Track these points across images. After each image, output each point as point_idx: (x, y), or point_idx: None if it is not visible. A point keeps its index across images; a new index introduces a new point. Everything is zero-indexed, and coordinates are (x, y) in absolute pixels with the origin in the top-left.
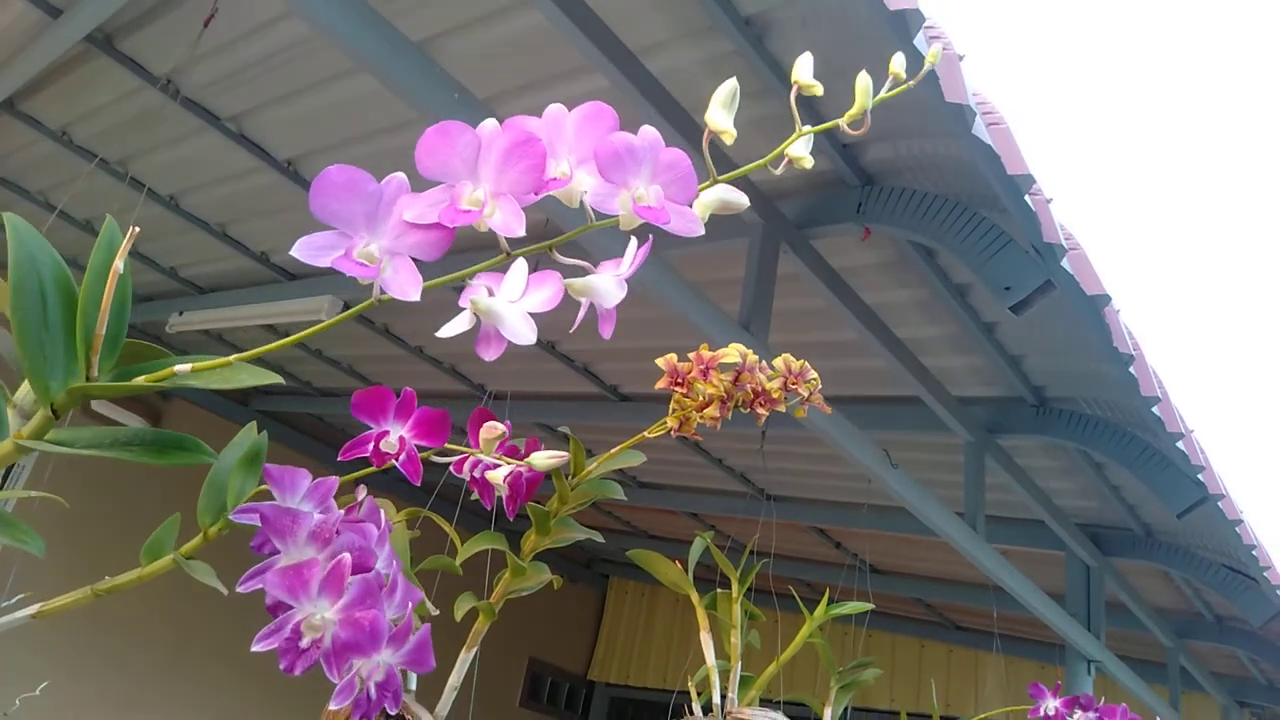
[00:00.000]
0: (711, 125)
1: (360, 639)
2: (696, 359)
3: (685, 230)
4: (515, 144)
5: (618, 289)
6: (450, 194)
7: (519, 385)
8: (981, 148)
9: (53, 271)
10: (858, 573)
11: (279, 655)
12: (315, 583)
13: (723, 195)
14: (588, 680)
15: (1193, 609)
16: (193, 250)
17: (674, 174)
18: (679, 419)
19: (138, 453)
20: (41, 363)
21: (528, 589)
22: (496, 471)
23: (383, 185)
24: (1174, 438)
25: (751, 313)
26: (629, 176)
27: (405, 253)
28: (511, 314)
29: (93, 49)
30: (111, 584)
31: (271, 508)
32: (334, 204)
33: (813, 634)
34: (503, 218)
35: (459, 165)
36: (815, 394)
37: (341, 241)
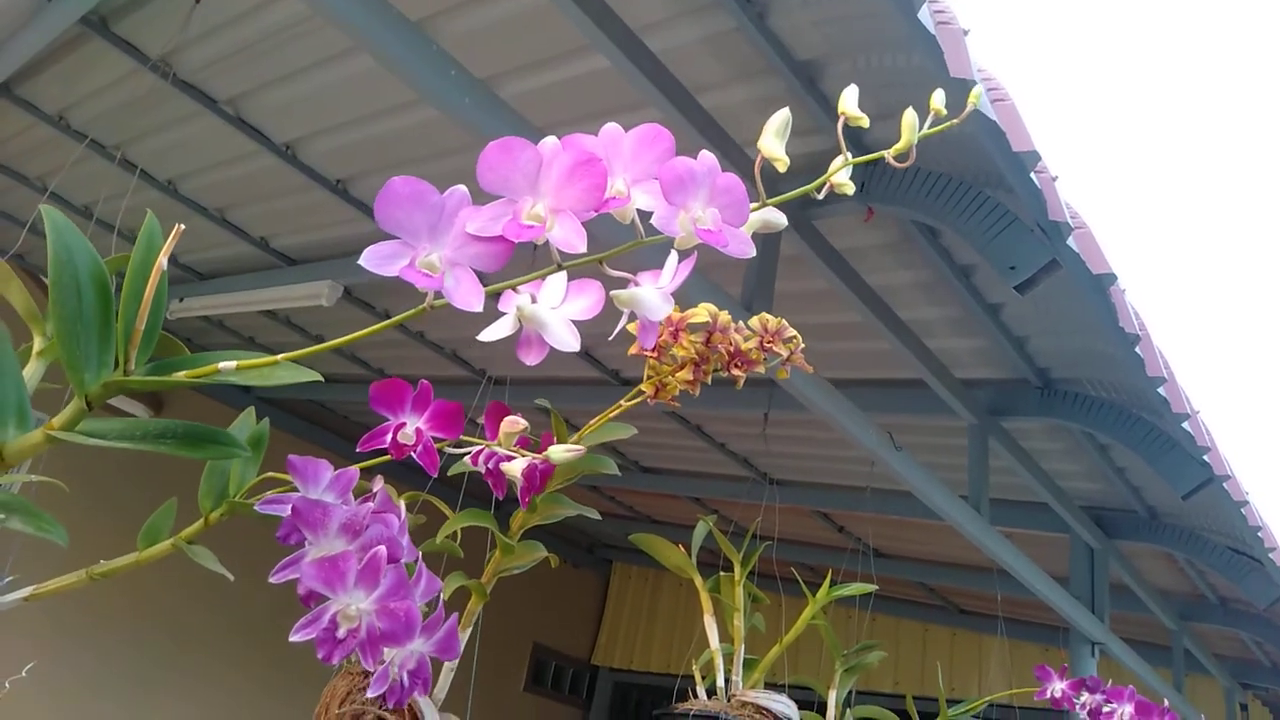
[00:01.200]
0: (765, 153)
1: (397, 629)
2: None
3: (739, 252)
4: (578, 164)
5: (664, 303)
6: (512, 208)
7: (519, 370)
8: (986, 124)
9: (89, 266)
10: (861, 556)
11: (316, 645)
12: (352, 574)
13: (766, 217)
14: (591, 665)
15: (1197, 591)
16: (192, 236)
17: (730, 198)
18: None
19: (172, 445)
20: (77, 355)
21: (520, 567)
22: (514, 464)
23: (445, 197)
24: (1180, 418)
25: (754, 295)
26: (689, 199)
27: (466, 264)
28: (555, 320)
29: (88, 31)
30: (107, 567)
31: (303, 500)
32: (399, 214)
33: (816, 616)
34: (563, 233)
35: (520, 180)
36: (796, 354)
37: (406, 251)
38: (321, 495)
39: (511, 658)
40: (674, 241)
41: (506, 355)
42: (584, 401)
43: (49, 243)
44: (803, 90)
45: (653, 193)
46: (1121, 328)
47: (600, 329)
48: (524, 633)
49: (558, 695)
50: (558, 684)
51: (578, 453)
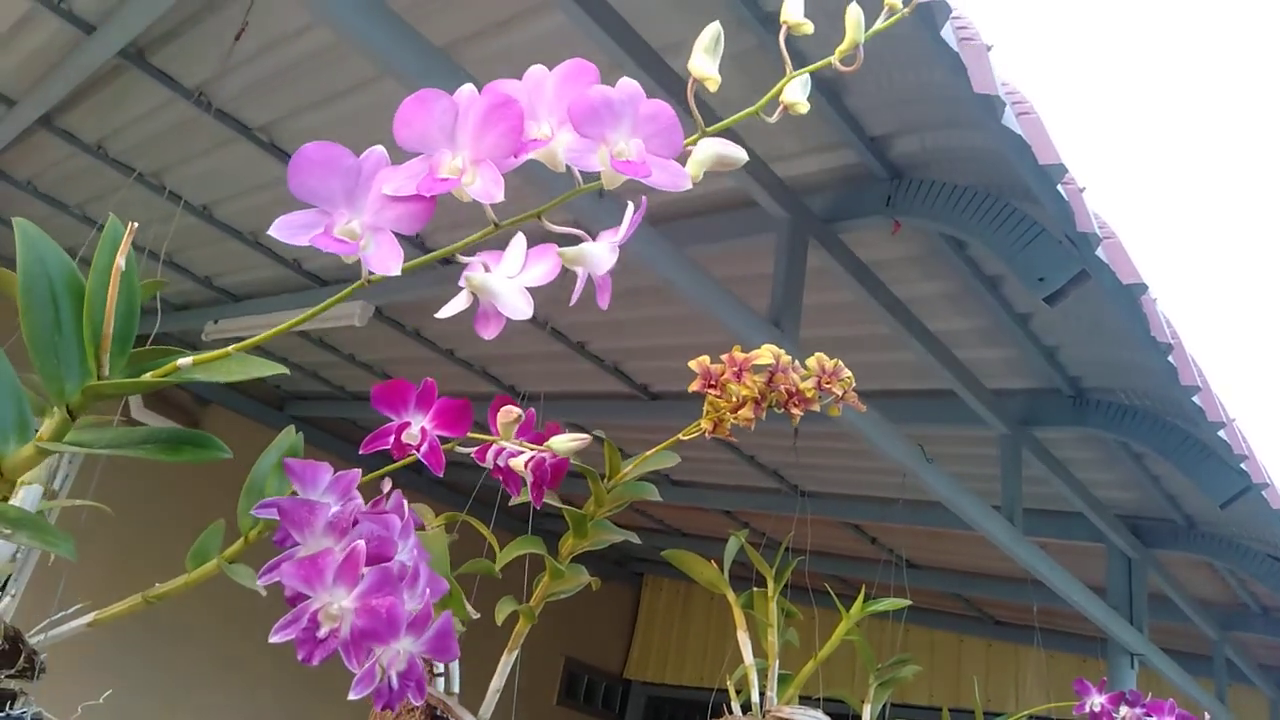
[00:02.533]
0: (695, 72)
1: (378, 626)
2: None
3: (670, 184)
4: (492, 107)
5: (609, 254)
6: (429, 164)
7: (550, 385)
8: (1011, 138)
9: (63, 274)
10: (894, 568)
11: (296, 646)
12: (331, 571)
13: (718, 150)
14: (624, 679)
15: (1238, 600)
16: (226, 259)
17: (656, 126)
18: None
19: (152, 450)
20: (55, 365)
21: (567, 591)
22: (518, 459)
23: (361, 160)
24: (1215, 427)
25: (781, 309)
26: (607, 131)
27: (387, 227)
28: (506, 289)
29: (126, 63)
30: (162, 590)
31: (289, 500)
32: (312, 181)
33: (850, 631)
34: (482, 184)
35: (436, 133)
36: (849, 392)
37: (320, 219)
38: (321, 497)
39: (544, 672)
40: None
41: (537, 372)
42: (615, 416)
43: (20, 255)
44: (827, 106)
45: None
46: (1154, 337)
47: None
48: (556, 647)
49: (591, 709)
50: (590, 698)
51: (583, 442)
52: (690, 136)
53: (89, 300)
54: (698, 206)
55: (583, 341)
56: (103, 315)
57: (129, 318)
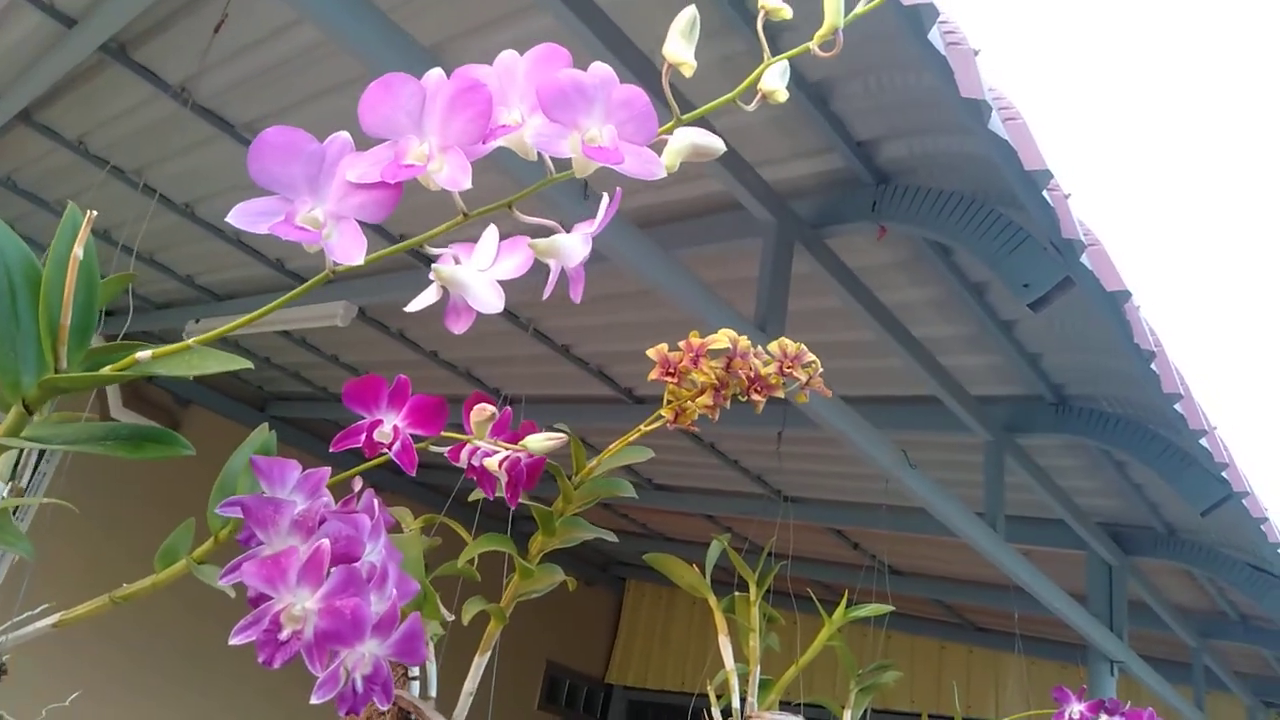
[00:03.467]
0: (670, 57)
1: (341, 628)
2: (686, 347)
3: (643, 172)
4: (459, 91)
5: (582, 245)
6: (394, 150)
7: (534, 389)
8: (998, 143)
9: (20, 263)
10: (876, 574)
11: (257, 648)
12: (294, 571)
13: (694, 140)
14: (605, 683)
15: (1217, 608)
16: (209, 258)
17: (629, 112)
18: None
19: (112, 446)
20: (11, 358)
21: (538, 591)
22: (492, 458)
23: (325, 145)
24: (1197, 435)
25: (767, 313)
26: (578, 116)
27: (350, 215)
28: (477, 282)
29: (107, 58)
30: (128, 591)
31: (253, 498)
32: (274, 167)
33: (832, 636)
34: (449, 171)
35: (403, 119)
36: (815, 378)
37: (281, 207)
38: (288, 496)
39: (525, 676)
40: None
41: (521, 375)
42: (599, 420)
43: None
44: (814, 110)
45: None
46: (1137, 344)
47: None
48: (538, 651)
49: (572, 714)
50: (572, 702)
51: (558, 442)
52: (665, 125)
53: (45, 291)
54: (684, 210)
55: (567, 345)
56: (59, 306)
57: (88, 310)
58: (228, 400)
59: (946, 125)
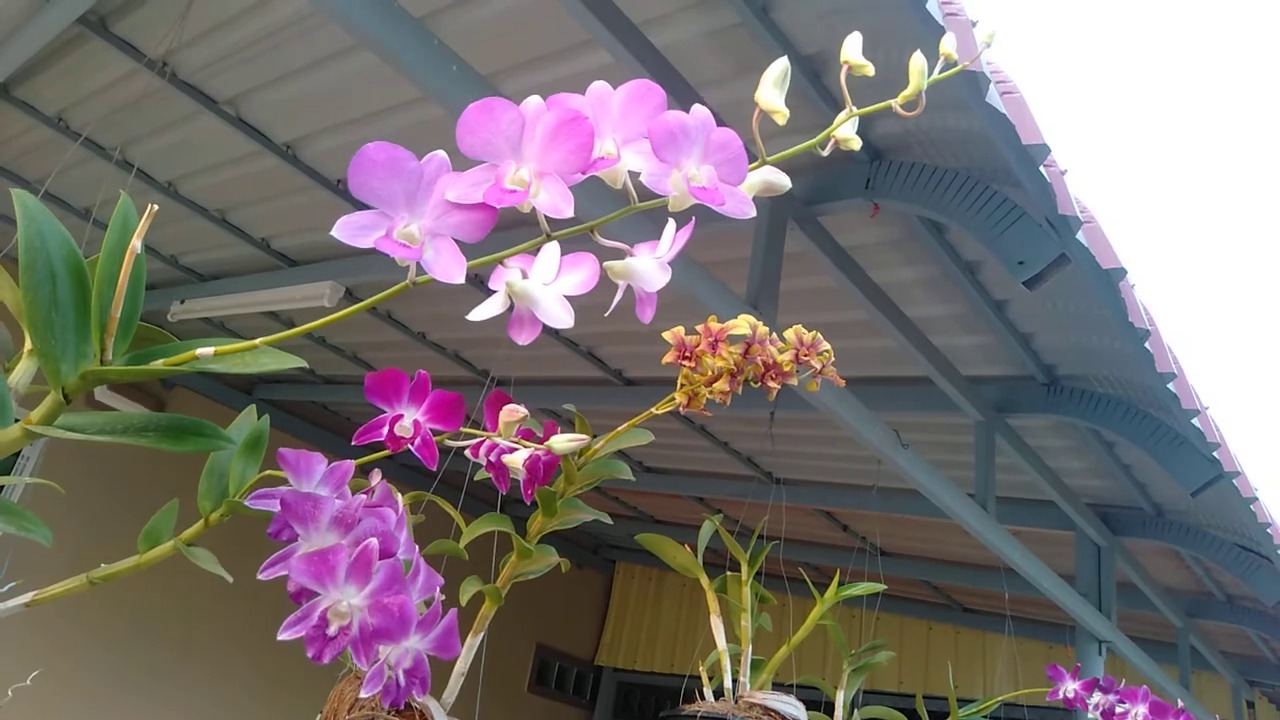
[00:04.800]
0: (763, 104)
1: (390, 625)
2: (705, 331)
3: (738, 212)
4: (563, 123)
5: (661, 272)
6: (494, 173)
7: (523, 371)
8: (995, 117)
9: (63, 251)
10: (866, 556)
11: (306, 644)
12: (342, 569)
13: (766, 177)
14: (595, 665)
15: (1203, 588)
16: (193, 238)
17: (726, 154)
18: (687, 394)
19: (153, 439)
20: (52, 345)
21: (535, 572)
22: (515, 456)
23: (424, 163)
24: (1189, 415)
25: (759, 292)
26: (682, 156)
27: (447, 234)
28: (547, 296)
29: (86, 31)
30: (108, 571)
31: (292, 493)
32: (374, 183)
33: (824, 616)
34: (549, 198)
35: (502, 144)
36: (828, 366)
37: (382, 222)
38: (315, 489)
39: (515, 659)
40: (668, 204)
41: (510, 356)
42: (588, 402)
43: (20, 229)
44: (808, 85)
45: (644, 153)
46: (1131, 323)
47: (602, 328)
48: (528, 633)
49: (562, 696)
50: (562, 684)
51: (580, 442)
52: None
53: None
54: None
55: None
56: (111, 298)
57: (134, 302)
58: (213, 383)
59: (942, 99)
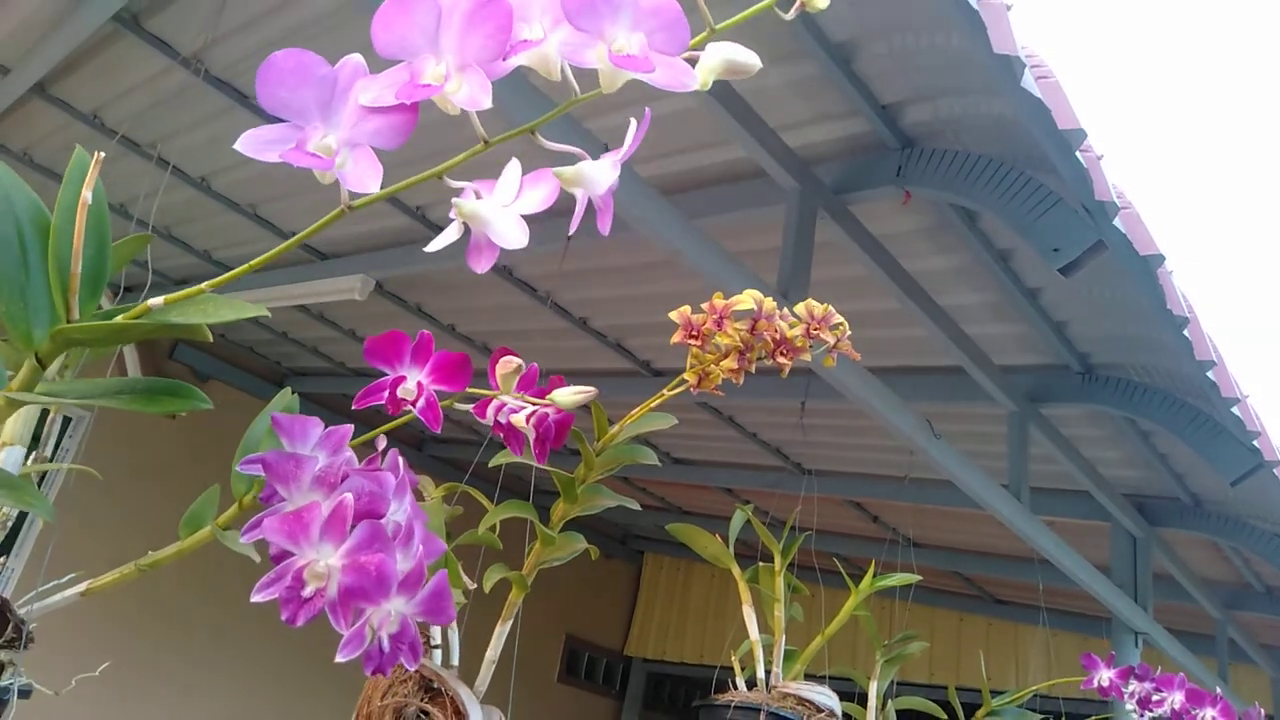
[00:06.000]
0: None
1: (366, 584)
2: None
3: (674, 83)
4: (477, 5)
5: (609, 171)
6: (409, 70)
7: (551, 362)
8: (1030, 101)
9: (29, 211)
10: (898, 547)
11: (280, 605)
12: (316, 526)
13: (728, 55)
14: (624, 655)
15: (1242, 580)
16: (225, 232)
17: (659, 20)
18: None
19: (128, 400)
20: (22, 309)
21: (560, 559)
22: (519, 414)
23: (337, 69)
24: (1229, 403)
25: (790, 281)
26: (604, 24)
27: (365, 142)
28: (499, 217)
29: (120, 29)
30: (154, 559)
31: (273, 453)
32: (283, 92)
33: (858, 606)
34: (468, 90)
35: (418, 38)
36: (843, 340)
37: (292, 134)
38: (311, 454)
39: (545, 649)
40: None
41: (539, 348)
42: (616, 393)
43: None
44: (838, 72)
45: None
46: (1169, 310)
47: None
48: (557, 624)
49: (591, 686)
50: (591, 675)
51: (587, 395)
52: (698, 37)
53: (54, 238)
54: (706, 178)
55: (584, 317)
56: (69, 254)
57: (99, 259)
58: (246, 375)
59: (975, 85)
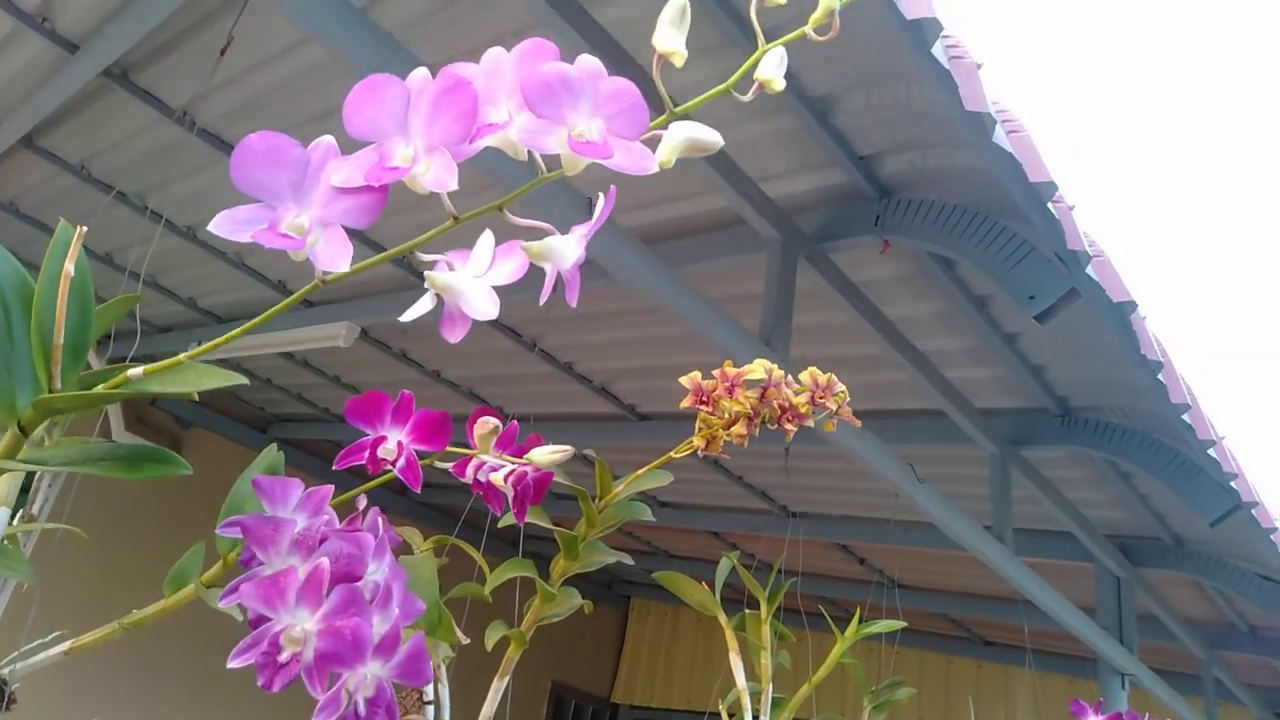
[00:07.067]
0: (660, 48)
1: (341, 649)
2: (721, 376)
3: (634, 167)
4: (444, 90)
5: (575, 246)
6: (379, 152)
7: (537, 407)
8: (1002, 156)
9: (13, 280)
10: (884, 589)
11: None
12: (292, 591)
13: (690, 134)
14: (611, 702)
15: (1226, 619)
16: (211, 280)
17: (618, 105)
18: (705, 438)
19: (109, 467)
20: (6, 378)
21: (559, 614)
22: (498, 473)
23: (309, 150)
24: (1205, 445)
25: (772, 328)
26: (565, 110)
27: (335, 221)
28: (471, 288)
29: (109, 83)
30: (139, 617)
31: (252, 517)
32: (257, 174)
33: (845, 654)
34: (434, 173)
35: (388, 121)
36: (844, 407)
37: (265, 214)
38: (290, 515)
39: (531, 696)
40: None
41: (524, 394)
42: (603, 437)
43: None
44: (816, 125)
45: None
46: (1144, 355)
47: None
48: (543, 671)
49: None
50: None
51: (564, 454)
52: (659, 119)
53: (37, 309)
54: (688, 227)
55: (570, 362)
56: (52, 325)
57: (82, 328)
58: (230, 422)
59: (949, 139)
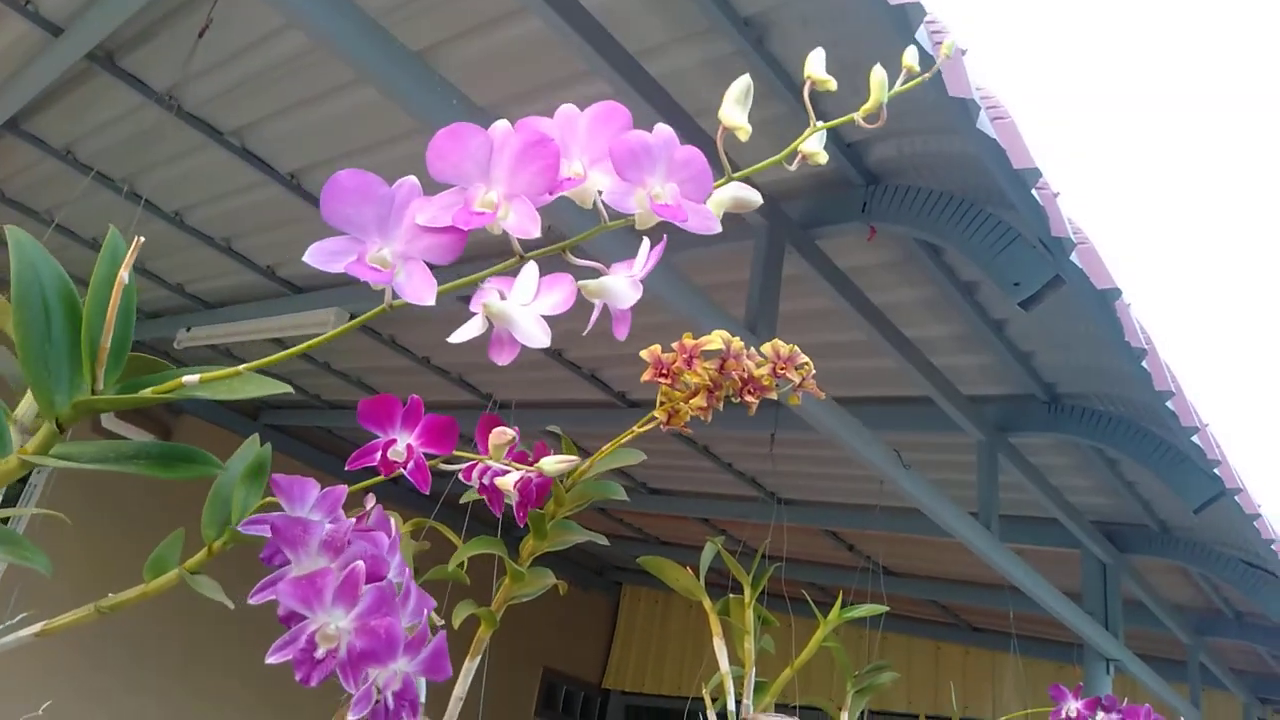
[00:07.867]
0: (726, 122)
1: (377, 647)
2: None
3: (702, 228)
4: (529, 144)
5: (633, 290)
6: (463, 196)
7: (526, 394)
8: (987, 142)
9: (55, 284)
10: (871, 575)
11: (294, 667)
12: (329, 592)
13: (735, 193)
14: (602, 688)
15: (1212, 605)
16: (199, 266)
17: (689, 171)
18: (667, 411)
19: (143, 466)
20: (45, 376)
21: (530, 594)
22: (506, 478)
23: (394, 189)
24: (1189, 432)
25: (758, 315)
26: (645, 175)
27: (418, 257)
28: (524, 317)
29: (94, 66)
30: (115, 601)
31: (282, 518)
32: (346, 209)
33: (828, 638)
34: (517, 219)
35: (471, 167)
36: (808, 379)
37: (354, 247)
38: (308, 514)
39: (522, 682)
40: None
41: (513, 380)
42: (592, 424)
43: (13, 264)
44: (802, 112)
45: (609, 172)
46: (1128, 342)
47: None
48: (534, 657)
49: (569, 719)
50: (569, 708)
51: (570, 464)
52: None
53: (88, 313)
54: None
55: (559, 349)
56: (101, 329)
57: (125, 331)
58: (220, 409)
59: (935, 126)
